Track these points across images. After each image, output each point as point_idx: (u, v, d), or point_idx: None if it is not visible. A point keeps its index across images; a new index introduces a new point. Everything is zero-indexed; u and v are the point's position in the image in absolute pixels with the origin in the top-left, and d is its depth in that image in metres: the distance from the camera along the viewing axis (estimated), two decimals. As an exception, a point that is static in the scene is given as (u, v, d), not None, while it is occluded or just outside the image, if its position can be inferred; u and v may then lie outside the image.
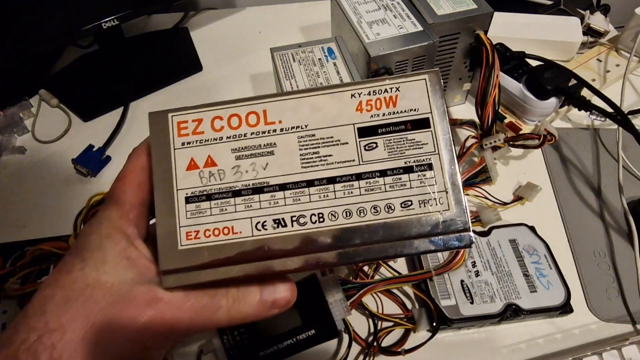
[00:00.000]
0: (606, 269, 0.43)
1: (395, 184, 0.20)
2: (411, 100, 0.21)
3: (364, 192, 0.20)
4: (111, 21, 0.59)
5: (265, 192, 0.20)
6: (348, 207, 0.20)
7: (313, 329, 0.35)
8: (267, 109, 0.21)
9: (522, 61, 0.55)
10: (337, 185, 0.20)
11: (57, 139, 0.56)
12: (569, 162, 0.52)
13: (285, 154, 0.20)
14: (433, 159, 0.20)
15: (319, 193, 0.20)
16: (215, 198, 0.20)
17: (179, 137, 0.21)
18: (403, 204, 0.20)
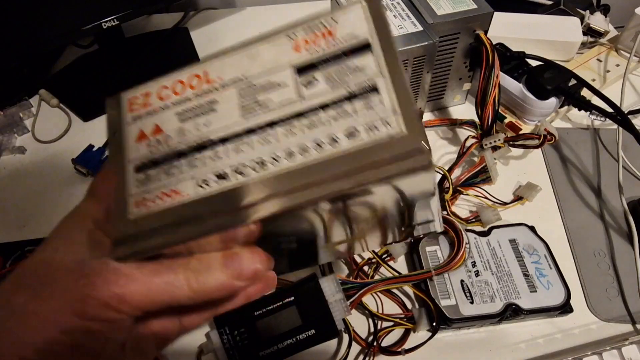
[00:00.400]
0: (606, 269, 0.43)
1: (338, 116, 0.18)
2: (349, 28, 0.19)
3: (306, 130, 0.18)
4: (111, 21, 0.59)
5: (208, 148, 0.19)
6: (290, 148, 0.18)
7: (313, 328, 0.35)
8: (208, 70, 0.21)
9: (522, 61, 0.55)
10: (278, 129, 0.19)
11: (57, 139, 0.56)
12: (569, 162, 0.52)
13: (226, 109, 0.20)
14: (378, 81, 0.18)
15: (260, 140, 0.19)
16: (161, 163, 0.20)
17: (129, 112, 0.22)
18: (349, 134, 0.18)
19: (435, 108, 0.58)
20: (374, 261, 0.42)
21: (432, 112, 0.58)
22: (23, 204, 0.50)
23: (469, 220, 0.45)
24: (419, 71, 0.46)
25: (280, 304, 0.36)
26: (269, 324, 0.36)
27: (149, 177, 0.20)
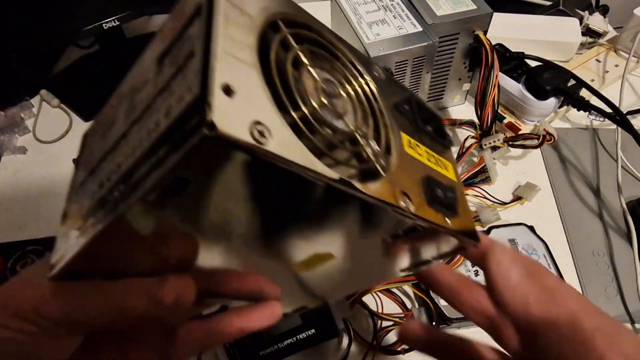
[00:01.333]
0: (605, 269, 0.43)
1: (166, 95, 0.15)
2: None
3: (147, 120, 0.16)
4: (112, 22, 0.59)
5: (104, 160, 0.19)
6: (134, 144, 0.16)
7: (313, 328, 0.36)
8: (122, 86, 0.21)
9: (521, 62, 0.55)
10: (135, 126, 0.17)
11: (58, 139, 0.56)
12: (568, 162, 0.52)
13: (119, 119, 0.19)
14: (196, 44, 0.15)
15: (125, 140, 0.17)
16: (82, 185, 0.20)
17: (87, 144, 0.22)
18: (166, 113, 0.14)
19: (435, 108, 0.58)
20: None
21: (432, 112, 0.58)
22: (24, 204, 0.50)
23: (468, 220, 0.45)
24: (419, 71, 0.47)
25: (280, 303, 0.36)
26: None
27: (77, 197, 0.20)
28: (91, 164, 0.20)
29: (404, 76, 0.46)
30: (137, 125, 0.17)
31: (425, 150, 0.23)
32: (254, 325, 0.22)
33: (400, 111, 0.23)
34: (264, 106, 0.14)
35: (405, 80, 0.47)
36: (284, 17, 0.18)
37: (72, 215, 0.19)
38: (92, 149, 0.21)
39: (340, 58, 0.21)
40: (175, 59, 0.16)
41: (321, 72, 0.19)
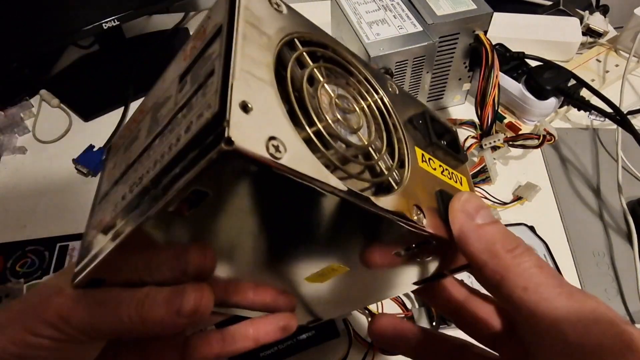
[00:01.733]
0: (605, 269, 0.43)
1: (187, 112, 0.16)
2: (215, 19, 0.18)
3: (169, 134, 0.17)
4: (112, 21, 0.59)
5: (126, 173, 0.20)
6: (156, 157, 0.17)
7: (313, 329, 0.36)
8: (146, 101, 0.22)
9: (521, 61, 0.55)
10: (157, 140, 0.18)
11: (57, 139, 0.56)
12: (568, 162, 0.52)
13: (142, 134, 0.20)
14: (216, 63, 0.16)
15: (147, 154, 0.18)
16: (106, 195, 0.21)
17: (111, 155, 0.24)
18: (186, 129, 0.15)
19: (435, 108, 0.58)
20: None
21: (432, 112, 0.58)
22: (24, 204, 0.50)
23: (468, 220, 0.45)
24: (419, 71, 0.47)
25: (280, 303, 0.36)
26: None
27: (101, 207, 0.21)
28: (114, 176, 0.21)
29: (404, 76, 0.46)
30: (159, 139, 0.18)
31: (439, 164, 0.23)
32: (269, 336, 0.22)
33: (414, 125, 0.23)
34: (279, 122, 0.15)
35: (405, 80, 0.47)
36: (300, 36, 0.19)
37: (96, 226, 0.20)
38: (116, 161, 0.22)
39: (354, 74, 0.21)
40: (195, 77, 0.17)
41: (336, 88, 0.19)
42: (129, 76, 0.62)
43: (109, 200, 0.20)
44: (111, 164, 0.22)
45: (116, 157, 0.22)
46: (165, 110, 0.18)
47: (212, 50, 0.17)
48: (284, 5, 0.19)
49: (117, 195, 0.19)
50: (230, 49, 0.15)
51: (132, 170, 0.19)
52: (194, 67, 0.18)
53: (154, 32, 0.71)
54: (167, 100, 0.19)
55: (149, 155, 0.18)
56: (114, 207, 0.19)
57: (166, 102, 0.19)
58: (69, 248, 0.44)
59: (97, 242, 0.19)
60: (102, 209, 0.20)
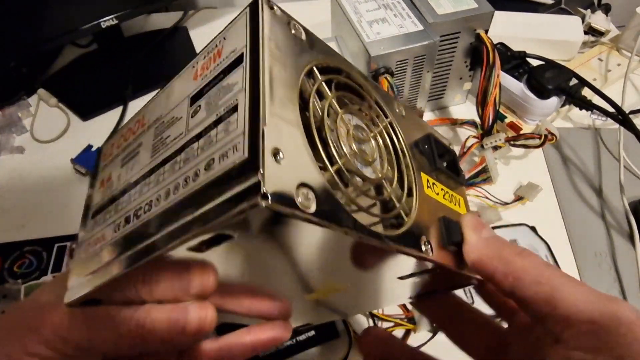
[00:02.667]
0: (607, 269, 0.42)
1: (205, 145, 0.16)
2: (232, 43, 0.17)
3: (182, 165, 0.17)
4: (110, 20, 0.59)
5: (127, 191, 0.19)
6: (168, 186, 0.17)
7: (313, 329, 0.35)
8: (144, 113, 0.22)
9: (523, 61, 0.55)
10: (167, 165, 0.17)
11: (55, 139, 0.56)
12: (569, 162, 0.52)
13: (143, 150, 0.20)
14: (239, 97, 0.15)
15: (155, 179, 0.18)
16: (102, 210, 0.21)
17: (102, 161, 0.23)
18: (207, 166, 0.15)
19: (435, 108, 0.58)
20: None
21: (433, 111, 0.58)
22: (22, 204, 0.49)
23: (469, 220, 0.45)
24: (420, 71, 0.46)
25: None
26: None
27: (96, 222, 0.20)
28: (112, 190, 0.20)
29: (404, 75, 0.46)
30: (170, 165, 0.17)
31: (441, 187, 0.23)
32: (266, 343, 0.22)
33: (420, 150, 0.23)
34: (307, 166, 0.15)
35: (406, 80, 0.47)
36: (318, 63, 0.19)
37: (92, 242, 0.20)
38: (112, 172, 0.21)
39: (366, 98, 0.22)
40: (212, 106, 0.17)
41: (351, 117, 0.20)
42: (127, 75, 0.61)
43: (108, 219, 0.19)
44: (105, 174, 0.22)
45: (112, 167, 0.22)
46: (174, 133, 0.18)
47: (233, 81, 0.16)
48: (302, 29, 0.19)
49: (117, 215, 0.19)
50: (258, 89, 0.15)
51: (136, 191, 0.19)
52: (209, 92, 0.17)
53: (153, 31, 0.70)
54: (175, 120, 0.18)
55: (158, 181, 0.17)
56: (114, 228, 0.19)
57: (174, 122, 0.18)
58: (67, 248, 0.44)
59: (95, 261, 0.18)
60: (100, 225, 0.20)
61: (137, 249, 0.17)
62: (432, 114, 0.57)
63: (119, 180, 0.20)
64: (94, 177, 0.23)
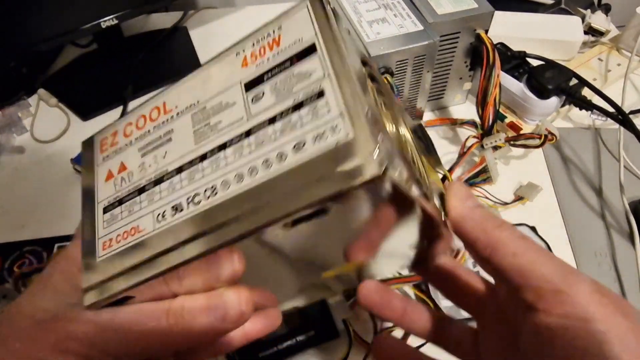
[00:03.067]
0: (607, 269, 0.42)
1: (285, 128, 0.17)
2: (294, 33, 0.18)
3: (254, 148, 0.17)
4: (110, 20, 0.59)
5: (165, 180, 0.19)
6: (239, 169, 0.17)
7: (313, 329, 0.35)
8: (166, 100, 0.21)
9: (523, 60, 0.55)
10: (228, 150, 0.18)
11: (55, 139, 0.56)
12: (569, 162, 0.52)
13: (180, 137, 0.20)
14: (324, 84, 0.17)
15: (211, 164, 0.18)
16: (125, 201, 0.20)
17: (101, 153, 0.22)
18: (295, 146, 0.16)
19: (435, 108, 0.58)
20: (374, 262, 0.41)
21: (433, 111, 0.58)
22: (22, 204, 0.50)
23: (469, 220, 0.45)
24: (419, 71, 0.46)
25: (279, 304, 0.36)
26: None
27: (115, 216, 0.20)
28: (135, 181, 0.20)
29: (404, 75, 0.46)
30: (233, 149, 0.18)
31: (430, 168, 0.25)
32: (257, 332, 0.22)
33: (418, 136, 0.25)
34: (393, 146, 0.16)
35: (406, 80, 0.47)
36: (371, 70, 0.21)
37: (115, 236, 0.19)
38: (126, 162, 0.21)
39: (382, 85, 0.23)
40: (284, 92, 0.17)
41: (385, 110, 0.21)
42: (127, 75, 0.61)
43: (139, 209, 0.19)
44: (112, 165, 0.21)
45: (123, 157, 0.21)
46: (229, 118, 0.18)
47: (309, 69, 0.17)
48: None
49: (159, 204, 0.19)
50: (347, 76, 0.16)
51: (182, 178, 0.18)
52: (273, 78, 0.18)
53: (153, 31, 0.70)
54: (226, 106, 0.19)
55: (218, 166, 0.18)
56: (158, 217, 0.18)
57: (225, 108, 0.19)
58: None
59: (134, 255, 0.18)
60: (125, 218, 0.19)
61: (216, 233, 0.17)
62: (432, 114, 0.57)
63: (146, 170, 0.20)
64: (88, 171, 0.22)
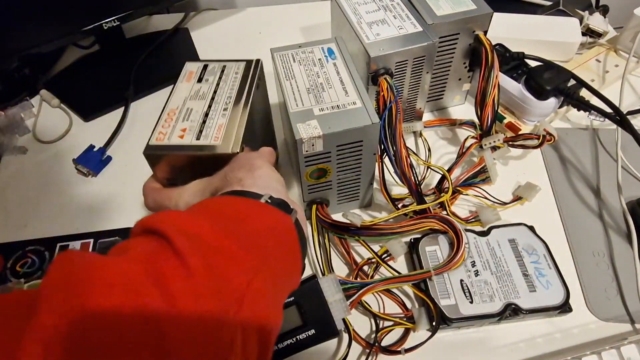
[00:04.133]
0: (605, 269, 0.43)
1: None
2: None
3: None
4: (112, 22, 0.59)
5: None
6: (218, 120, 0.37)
7: (313, 328, 0.36)
8: (171, 106, 0.39)
9: (521, 62, 0.55)
10: (210, 111, 0.37)
11: (58, 139, 0.56)
12: (568, 163, 0.52)
13: (195, 107, 0.38)
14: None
15: (212, 112, 0.37)
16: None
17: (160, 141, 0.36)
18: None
19: (434, 108, 0.58)
20: (374, 261, 0.42)
21: (432, 112, 0.58)
22: (24, 204, 0.50)
23: (468, 220, 0.45)
24: (419, 72, 0.47)
25: (280, 303, 0.36)
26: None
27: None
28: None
29: (404, 76, 0.46)
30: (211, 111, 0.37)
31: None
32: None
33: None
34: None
35: (405, 80, 0.47)
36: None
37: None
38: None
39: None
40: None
41: None
42: (129, 76, 0.62)
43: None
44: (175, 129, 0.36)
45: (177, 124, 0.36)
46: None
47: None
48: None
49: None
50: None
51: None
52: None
53: (154, 32, 0.71)
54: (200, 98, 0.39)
55: (215, 114, 0.37)
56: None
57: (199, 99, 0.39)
58: (69, 248, 0.44)
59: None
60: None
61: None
62: (432, 115, 0.58)
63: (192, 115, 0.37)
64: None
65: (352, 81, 0.41)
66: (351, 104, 0.39)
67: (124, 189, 0.50)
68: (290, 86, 0.41)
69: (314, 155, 0.38)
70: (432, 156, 0.52)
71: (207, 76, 0.41)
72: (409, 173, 0.41)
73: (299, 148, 0.37)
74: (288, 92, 0.40)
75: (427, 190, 0.47)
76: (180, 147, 0.34)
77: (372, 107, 0.38)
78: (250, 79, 0.40)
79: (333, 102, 0.39)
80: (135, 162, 0.52)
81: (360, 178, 0.43)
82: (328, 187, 0.43)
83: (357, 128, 0.37)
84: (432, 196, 0.46)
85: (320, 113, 0.38)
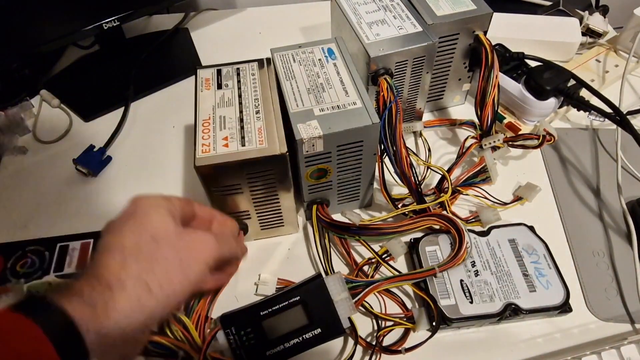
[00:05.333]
0: (605, 269, 0.43)
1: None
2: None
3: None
4: (112, 22, 0.59)
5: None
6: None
7: (319, 327, 0.36)
8: (202, 116, 0.40)
9: (521, 62, 0.55)
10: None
11: (58, 139, 0.56)
12: (568, 163, 0.52)
13: (228, 114, 0.39)
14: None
15: (245, 117, 0.38)
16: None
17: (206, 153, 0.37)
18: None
19: (434, 108, 0.58)
20: (374, 261, 0.42)
21: (432, 112, 0.58)
22: (24, 204, 0.50)
23: (468, 220, 0.45)
24: (419, 72, 0.47)
25: (286, 303, 0.36)
26: (275, 324, 0.36)
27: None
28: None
29: (403, 76, 0.46)
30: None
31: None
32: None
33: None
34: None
35: (405, 81, 0.47)
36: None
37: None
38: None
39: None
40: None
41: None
42: (129, 76, 0.62)
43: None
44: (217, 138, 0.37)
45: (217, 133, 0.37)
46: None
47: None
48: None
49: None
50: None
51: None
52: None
53: (154, 33, 0.71)
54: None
55: (248, 119, 0.38)
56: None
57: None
58: (69, 248, 0.44)
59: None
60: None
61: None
62: (432, 115, 0.58)
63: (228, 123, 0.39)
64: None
65: (352, 81, 0.41)
66: (351, 104, 0.39)
67: (124, 189, 0.50)
68: (290, 86, 0.41)
69: (314, 155, 0.38)
70: (432, 156, 0.52)
71: (225, 81, 0.41)
72: (409, 173, 0.41)
73: (299, 148, 0.37)
74: (288, 92, 0.40)
75: (427, 190, 0.47)
76: (229, 156, 0.35)
77: (372, 107, 0.38)
78: (269, 78, 0.41)
79: (333, 103, 0.39)
80: (135, 162, 0.52)
81: (360, 178, 0.43)
82: (328, 187, 0.43)
83: (357, 128, 0.37)
84: (432, 196, 0.46)
85: (320, 113, 0.38)
